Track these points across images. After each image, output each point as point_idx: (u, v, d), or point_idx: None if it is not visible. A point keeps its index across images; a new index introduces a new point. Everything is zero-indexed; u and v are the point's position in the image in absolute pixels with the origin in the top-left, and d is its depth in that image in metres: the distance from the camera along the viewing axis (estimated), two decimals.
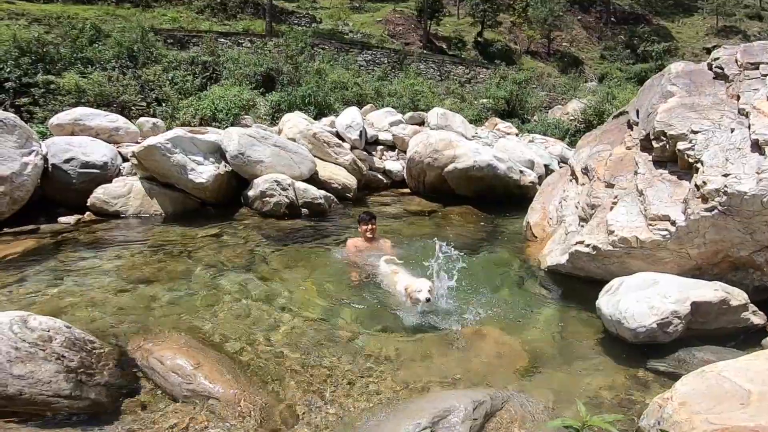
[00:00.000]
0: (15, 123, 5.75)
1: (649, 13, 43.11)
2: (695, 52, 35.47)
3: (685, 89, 4.44)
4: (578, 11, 40.44)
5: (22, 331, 2.48)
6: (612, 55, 36.13)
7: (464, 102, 16.56)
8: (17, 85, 10.07)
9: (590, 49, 37.83)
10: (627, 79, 26.93)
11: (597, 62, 35.91)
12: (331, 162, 7.52)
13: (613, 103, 14.36)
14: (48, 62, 11.07)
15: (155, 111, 10.35)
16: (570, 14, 37.69)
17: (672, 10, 43.99)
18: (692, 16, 42.13)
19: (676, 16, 42.81)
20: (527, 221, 5.84)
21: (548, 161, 9.54)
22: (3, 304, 3.51)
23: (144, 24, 14.64)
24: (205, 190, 6.16)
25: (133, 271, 4.30)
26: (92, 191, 5.99)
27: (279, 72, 13.79)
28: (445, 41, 33.06)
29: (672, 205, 3.68)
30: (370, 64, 23.55)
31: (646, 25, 39.38)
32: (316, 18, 31.22)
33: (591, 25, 40.51)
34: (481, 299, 4.02)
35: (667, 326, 3.05)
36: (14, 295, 3.74)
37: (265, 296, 3.88)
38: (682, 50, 36.10)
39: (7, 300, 3.64)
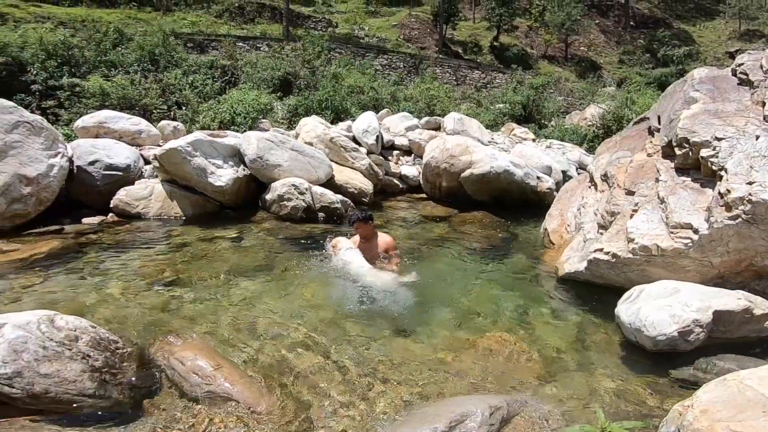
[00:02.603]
0: (42, 125, 5.91)
1: (669, 17, 42.25)
2: (717, 56, 34.60)
3: (709, 95, 4.39)
4: (596, 15, 39.82)
5: (49, 330, 2.52)
6: (631, 60, 35.40)
7: (480, 107, 16.53)
8: (43, 88, 10.36)
9: (608, 54, 37.26)
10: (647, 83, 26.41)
11: (615, 67, 35.34)
12: (348, 167, 7.57)
13: (633, 108, 14.15)
14: (73, 65, 11.40)
15: (176, 114, 10.58)
16: (588, 18, 37.10)
17: (693, 14, 43.06)
18: (714, 20, 41.06)
19: (697, 20, 41.79)
20: (545, 228, 5.80)
21: (566, 167, 9.46)
22: (29, 303, 3.59)
23: (165, 28, 14.95)
24: (224, 194, 6.25)
25: (154, 273, 4.37)
26: (115, 193, 6.12)
27: (296, 76, 13.96)
28: (460, 45, 32.98)
29: (694, 213, 3.64)
30: (386, 68, 23.61)
31: (667, 29, 38.50)
32: (333, 22, 31.44)
33: (609, 29, 39.82)
34: (497, 305, 4.01)
35: (688, 335, 3.02)
36: (39, 294, 3.83)
37: (282, 299, 3.92)
38: (703, 54, 35.21)
39: (32, 299, 3.72)
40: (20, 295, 3.81)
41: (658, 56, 34.29)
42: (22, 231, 5.40)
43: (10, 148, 5.52)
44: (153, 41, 13.31)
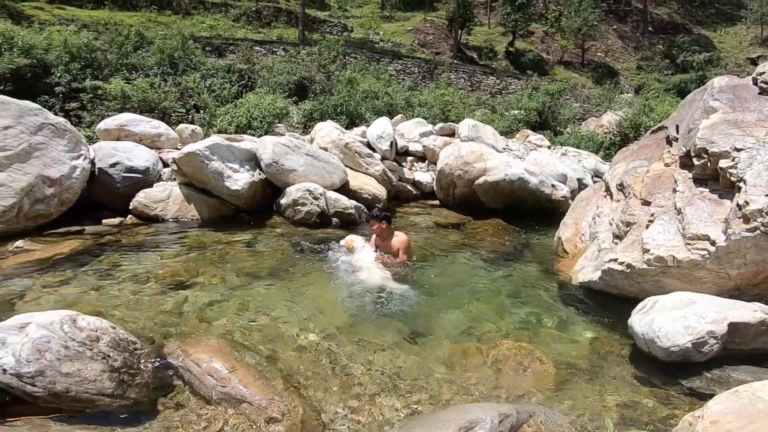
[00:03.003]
0: (66, 128, 6.05)
1: (689, 22, 41.41)
2: (738, 62, 33.96)
3: (729, 105, 4.34)
4: (614, 20, 39.27)
5: (72, 331, 2.58)
6: (649, 66, 34.82)
7: (495, 113, 16.47)
8: (67, 90, 10.55)
9: (626, 60, 36.74)
10: (666, 90, 25.99)
11: (633, 73, 34.83)
12: (362, 172, 7.61)
13: (651, 115, 13.96)
14: (96, 68, 11.59)
15: (194, 118, 10.71)
16: (605, 24, 36.63)
17: (714, 20, 42.22)
18: (735, 25, 40.24)
19: (718, 26, 40.98)
20: (559, 236, 5.77)
21: (581, 175, 9.40)
22: (51, 303, 3.68)
23: (184, 32, 15.17)
24: (240, 197, 6.33)
25: (172, 275, 4.45)
26: (134, 195, 6.24)
27: (311, 81, 14.07)
28: (475, 51, 32.91)
29: (712, 225, 3.61)
30: (401, 73, 23.68)
31: (686, 34, 37.77)
32: (348, 27, 31.62)
33: (627, 34, 39.22)
34: (509, 313, 4.02)
35: (702, 346, 3.00)
36: (61, 294, 3.92)
37: (295, 303, 3.96)
38: (724, 60, 34.49)
39: (54, 299, 3.81)
40: (42, 294, 3.90)
41: (677, 62, 33.71)
42: (44, 231, 5.52)
43: (34, 149, 5.66)
44: (172, 45, 13.51)
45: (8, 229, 5.32)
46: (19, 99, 6.09)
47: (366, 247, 5.02)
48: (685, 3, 44.53)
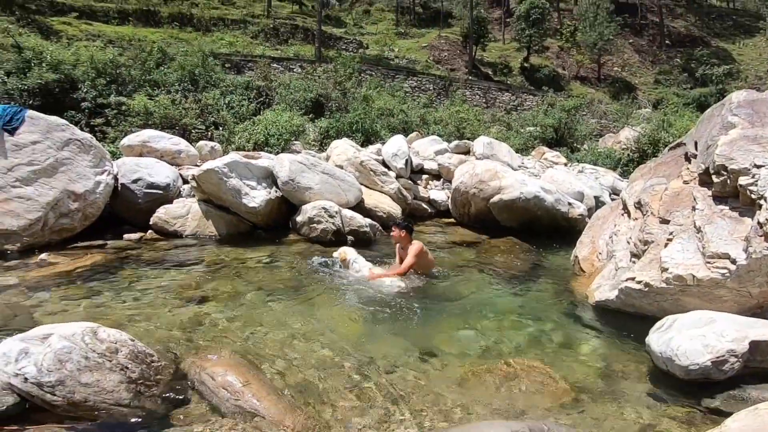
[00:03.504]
0: (91, 143, 6.23)
1: (707, 35, 40.71)
2: (759, 75, 33.30)
3: (748, 120, 4.27)
4: (630, 34, 38.89)
5: (92, 342, 2.66)
6: (668, 80, 34.25)
7: (510, 130, 16.42)
8: (93, 105, 10.75)
9: (643, 74, 36.31)
10: (685, 104, 25.62)
11: (651, 87, 34.38)
12: (377, 190, 7.65)
13: (669, 131, 13.78)
14: (120, 84, 11.81)
15: (213, 134, 10.86)
16: (621, 38, 36.37)
17: (732, 32, 41.47)
18: (754, 37, 39.50)
19: (736, 38, 40.22)
20: (575, 255, 5.73)
21: (598, 193, 9.30)
22: (72, 315, 3.78)
23: (204, 48, 15.46)
24: (257, 214, 6.41)
25: (189, 290, 4.53)
26: (155, 211, 6.36)
27: (328, 98, 14.22)
28: (490, 67, 33.00)
29: (732, 243, 3.56)
30: (416, 90, 23.84)
31: (705, 47, 37.13)
32: (363, 44, 32.03)
33: (644, 48, 38.76)
34: (524, 331, 4.00)
35: (722, 364, 2.96)
36: (82, 306, 4.03)
37: (309, 319, 4.00)
38: (744, 73, 33.80)
39: (76, 311, 3.92)
40: (64, 306, 4.02)
41: (696, 76, 33.08)
42: (67, 244, 5.68)
43: (61, 164, 5.84)
44: (193, 61, 13.76)
45: (34, 242, 5.48)
46: (47, 114, 6.30)
47: (359, 258, 5.16)
48: (702, 15, 43.97)
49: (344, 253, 5.23)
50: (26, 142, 5.71)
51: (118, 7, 27.15)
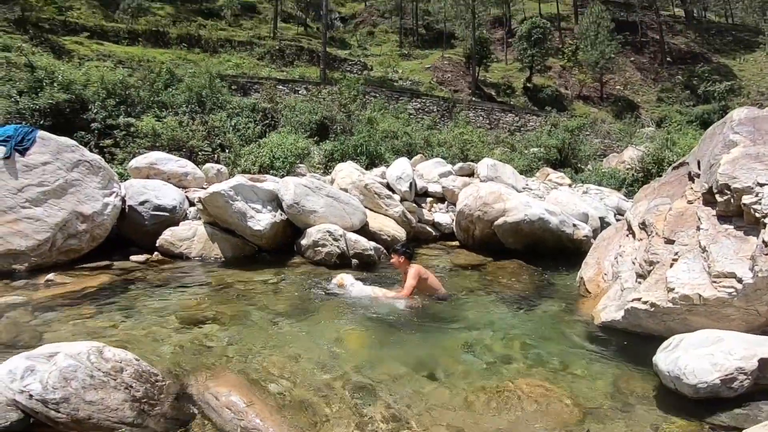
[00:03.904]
0: (100, 165, 6.31)
1: (707, 51, 40.87)
2: (761, 90, 33.40)
3: (750, 138, 4.27)
4: (631, 52, 39.12)
5: (98, 361, 2.70)
6: (670, 98, 34.39)
7: (514, 151, 16.51)
8: (102, 126, 10.83)
9: (646, 92, 36.45)
10: (688, 122, 25.53)
11: (654, 105, 34.47)
12: (382, 213, 7.67)
13: (673, 149, 13.83)
14: (129, 105, 11.93)
15: (219, 157, 10.92)
16: (622, 56, 36.62)
17: (732, 47, 41.67)
18: (754, 52, 39.70)
19: (737, 53, 40.39)
20: (581, 276, 5.70)
21: (603, 213, 9.30)
22: (78, 335, 3.79)
23: (211, 70, 15.63)
24: (262, 237, 6.43)
25: (194, 311, 4.55)
26: (161, 233, 6.40)
27: (332, 120, 14.37)
28: (493, 87, 33.33)
29: (738, 262, 3.53)
30: (420, 112, 24.01)
31: (706, 63, 37.24)
32: (367, 65, 32.45)
33: (645, 66, 38.94)
34: (530, 352, 3.98)
35: (731, 382, 2.93)
36: (88, 326, 4.06)
37: (314, 341, 3.99)
38: (746, 89, 33.86)
39: (82, 330, 3.94)
40: (71, 325, 4.04)
41: (698, 93, 33.16)
42: (75, 265, 5.71)
43: (70, 185, 5.90)
44: (200, 83, 13.93)
45: (41, 262, 5.52)
46: (58, 134, 6.39)
47: (356, 284, 5.21)
48: (701, 32, 44.23)
49: (342, 279, 5.27)
50: (37, 162, 5.78)
51: (129, 27, 27.77)
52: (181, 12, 34.80)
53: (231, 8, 36.27)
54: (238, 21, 36.18)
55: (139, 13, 30.00)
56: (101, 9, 31.00)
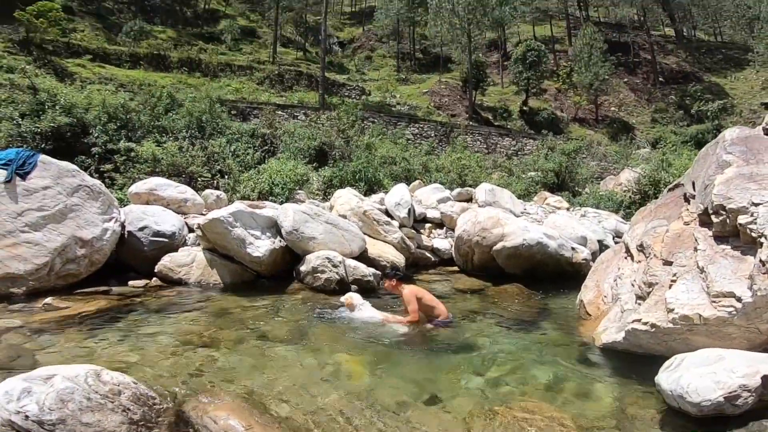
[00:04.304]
0: (100, 190, 6.34)
1: (698, 70, 41.44)
2: (753, 108, 33.73)
3: (742, 157, 4.33)
4: (624, 73, 39.61)
5: (95, 384, 2.70)
6: (664, 118, 34.76)
7: (512, 176, 16.63)
8: (103, 151, 10.87)
9: (640, 113, 36.82)
10: (683, 142, 25.80)
11: (648, 126, 34.79)
12: (380, 240, 7.68)
13: (669, 170, 13.92)
14: (130, 129, 11.98)
15: (218, 183, 10.96)
16: (616, 77, 37.04)
17: (722, 66, 42.32)
18: (744, 69, 40.31)
19: (727, 72, 41.00)
20: (581, 299, 5.72)
21: (602, 236, 9.35)
22: (75, 358, 3.78)
23: (212, 94, 15.79)
24: (261, 264, 6.42)
25: (193, 335, 4.53)
26: (160, 258, 6.40)
27: (331, 146, 14.48)
28: (490, 111, 33.71)
29: (737, 282, 3.55)
30: (418, 137, 24.21)
31: (697, 82, 37.81)
32: (366, 90, 32.86)
33: (639, 86, 39.37)
34: (531, 374, 3.96)
35: (735, 399, 2.93)
36: (85, 350, 4.04)
37: (313, 366, 3.97)
38: (738, 107, 34.24)
39: (79, 354, 3.92)
40: (68, 349, 4.02)
41: (691, 112, 33.47)
42: (73, 290, 5.69)
43: (70, 210, 5.92)
44: (200, 108, 14.03)
45: (39, 286, 5.51)
46: (59, 158, 6.45)
47: (365, 304, 5.24)
48: (692, 50, 44.93)
49: (350, 298, 5.30)
50: (37, 187, 5.81)
51: (131, 50, 28.21)
52: (182, 36, 35.49)
53: (231, 32, 36.99)
54: (238, 45, 36.87)
55: (141, 37, 30.56)
56: (104, 32, 31.64)
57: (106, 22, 33.10)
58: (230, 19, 40.94)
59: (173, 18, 38.73)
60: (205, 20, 40.32)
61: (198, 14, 41.08)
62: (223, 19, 41.02)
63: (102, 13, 34.17)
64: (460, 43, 33.78)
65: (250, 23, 42.30)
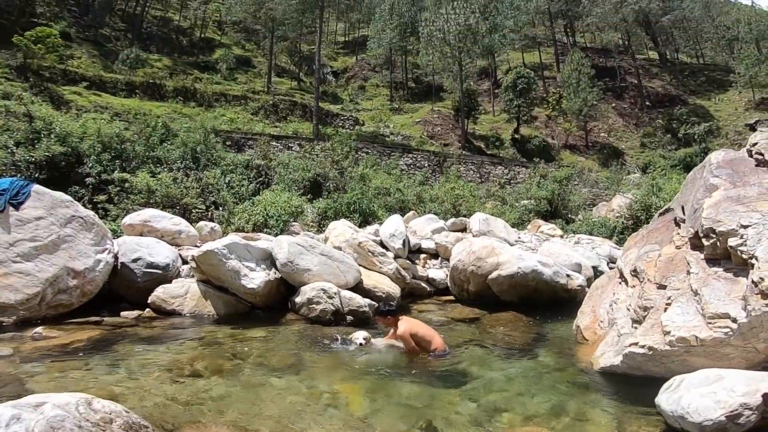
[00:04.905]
0: (94, 221, 6.34)
1: (683, 93, 42.44)
2: (738, 129, 34.32)
3: (729, 180, 4.43)
4: (612, 98, 40.45)
5: (86, 412, 2.64)
6: (652, 142, 35.37)
7: (505, 205, 16.71)
8: (96, 181, 10.75)
9: (629, 138, 37.44)
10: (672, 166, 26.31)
11: (638, 151, 35.35)
12: (376, 271, 7.67)
13: (660, 195, 14.05)
14: (124, 159, 11.88)
15: (213, 215, 10.88)
16: (604, 102, 37.77)
17: (706, 88, 43.36)
18: (727, 91, 41.20)
19: (711, 93, 41.98)
20: (577, 325, 5.75)
21: (596, 263, 9.43)
22: (66, 387, 3.72)
23: (206, 124, 15.75)
24: (256, 295, 6.38)
25: (185, 366, 4.47)
26: (153, 290, 6.34)
27: (326, 177, 14.50)
28: (482, 140, 34.19)
29: (731, 303, 3.60)
30: (411, 167, 24.42)
31: (683, 106, 38.61)
32: (359, 120, 33.26)
33: (626, 111, 40.19)
34: (531, 400, 3.94)
35: (737, 418, 2.95)
36: (76, 379, 3.99)
37: (308, 397, 3.92)
38: (724, 129, 34.95)
39: (69, 383, 3.87)
40: (58, 378, 3.98)
41: (678, 136, 34.18)
42: (64, 320, 5.65)
43: (62, 241, 5.89)
44: (195, 138, 14.01)
45: (30, 316, 5.48)
46: (52, 188, 6.45)
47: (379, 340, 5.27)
48: (676, 73, 46.06)
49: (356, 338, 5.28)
50: (30, 217, 5.80)
51: (127, 78, 28.45)
52: (178, 64, 36.01)
53: (227, 62, 37.55)
54: (233, 74, 37.42)
55: (138, 65, 30.85)
56: (101, 59, 32.02)
57: (103, 49, 33.57)
58: (225, 48, 41.71)
59: (169, 46, 39.41)
60: (200, 49, 41.05)
61: (194, 43, 41.84)
62: (218, 48, 41.80)
63: (99, 41, 34.67)
64: (451, 72, 34.59)
65: (245, 52, 43.09)
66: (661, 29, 48.10)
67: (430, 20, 33.97)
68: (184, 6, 44.74)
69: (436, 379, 4.45)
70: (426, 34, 33.98)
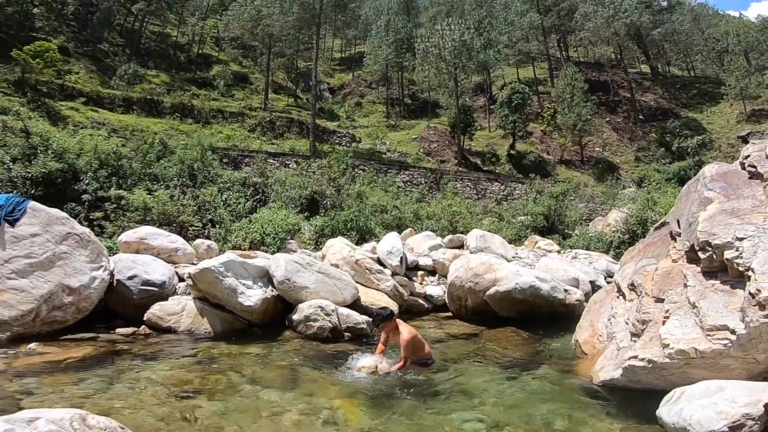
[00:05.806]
0: (90, 239, 6.33)
1: (675, 106, 42.73)
2: (731, 142, 34.58)
3: (723, 193, 4.47)
4: (606, 113, 40.73)
5: (81, 428, 2.62)
6: (647, 156, 35.51)
7: (502, 221, 16.74)
8: (93, 198, 10.67)
9: (623, 152, 37.55)
10: (666, 180, 26.35)
11: (633, 165, 35.45)
12: (373, 288, 7.66)
13: (655, 209, 14.17)
14: (121, 176, 11.81)
15: (209, 232, 10.82)
16: (598, 116, 37.86)
17: (698, 101, 43.73)
18: (719, 103, 41.64)
19: (703, 106, 42.34)
20: (576, 339, 5.75)
21: (593, 277, 9.46)
22: (60, 402, 3.71)
23: (203, 141, 15.72)
24: (253, 313, 6.35)
25: (181, 383, 4.45)
26: (149, 307, 6.33)
27: (322, 195, 14.50)
28: (479, 156, 34.29)
29: (729, 315, 3.61)
30: (408, 184, 24.42)
31: (676, 119, 38.86)
32: (356, 137, 33.32)
33: (620, 125, 40.35)
34: (531, 415, 3.92)
35: (739, 428, 2.95)
36: (70, 395, 3.97)
37: (307, 413, 3.89)
38: (717, 142, 35.15)
39: (63, 398, 3.85)
40: (52, 393, 3.96)
41: (672, 149, 34.23)
42: (58, 336, 5.62)
43: (58, 258, 5.89)
44: (192, 155, 13.98)
45: (24, 332, 5.45)
46: (49, 204, 6.44)
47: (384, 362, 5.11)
48: (668, 87, 46.44)
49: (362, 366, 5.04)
50: (26, 234, 5.80)
51: (124, 94, 28.36)
52: (175, 80, 36.08)
53: (224, 78, 37.70)
54: (231, 91, 37.52)
55: (135, 80, 30.83)
56: (99, 74, 32.01)
57: (101, 64, 33.63)
58: (223, 64, 41.93)
59: (167, 62, 39.58)
60: (198, 65, 41.23)
61: (191, 59, 42.05)
62: (215, 64, 41.99)
63: (97, 56, 34.71)
64: (447, 88, 34.83)
65: (242, 69, 43.33)
66: (652, 42, 48.83)
67: (426, 36, 34.43)
68: (182, 22, 45.15)
69: (436, 395, 4.42)
70: (422, 50, 34.35)
